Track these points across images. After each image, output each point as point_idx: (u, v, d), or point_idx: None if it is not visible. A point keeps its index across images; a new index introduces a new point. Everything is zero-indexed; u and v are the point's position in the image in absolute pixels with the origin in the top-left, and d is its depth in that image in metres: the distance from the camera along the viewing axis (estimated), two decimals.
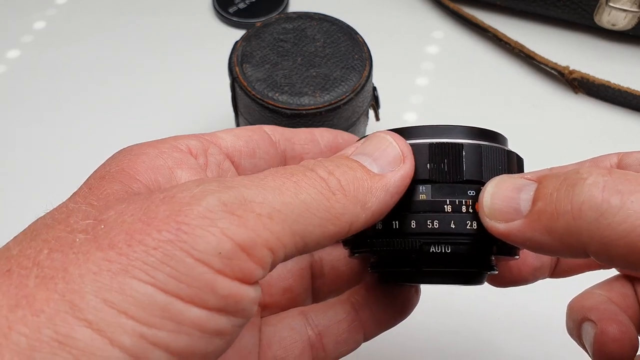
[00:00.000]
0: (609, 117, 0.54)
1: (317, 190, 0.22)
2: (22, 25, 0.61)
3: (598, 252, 0.21)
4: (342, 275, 0.31)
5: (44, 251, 0.19)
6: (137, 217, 0.20)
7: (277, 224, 0.20)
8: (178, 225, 0.19)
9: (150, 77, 0.57)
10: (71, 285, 0.18)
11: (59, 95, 0.55)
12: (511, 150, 0.27)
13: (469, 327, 0.42)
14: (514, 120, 0.54)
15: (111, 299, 0.18)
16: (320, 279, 0.31)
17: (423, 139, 0.25)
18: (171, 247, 0.19)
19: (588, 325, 0.29)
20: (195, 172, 0.25)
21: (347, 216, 0.23)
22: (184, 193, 0.20)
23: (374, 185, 0.24)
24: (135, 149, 0.25)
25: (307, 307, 0.30)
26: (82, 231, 0.20)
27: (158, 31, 0.60)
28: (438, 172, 0.25)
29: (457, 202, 0.25)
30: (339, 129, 0.44)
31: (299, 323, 0.29)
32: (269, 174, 0.22)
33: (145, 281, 0.19)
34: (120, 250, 0.19)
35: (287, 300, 0.30)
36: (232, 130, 0.28)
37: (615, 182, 0.21)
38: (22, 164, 0.51)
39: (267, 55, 0.44)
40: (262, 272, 0.21)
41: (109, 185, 0.22)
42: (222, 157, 0.27)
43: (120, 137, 0.52)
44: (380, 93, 0.49)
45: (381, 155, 0.25)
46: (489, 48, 0.59)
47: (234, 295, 0.20)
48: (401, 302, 0.30)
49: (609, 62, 0.57)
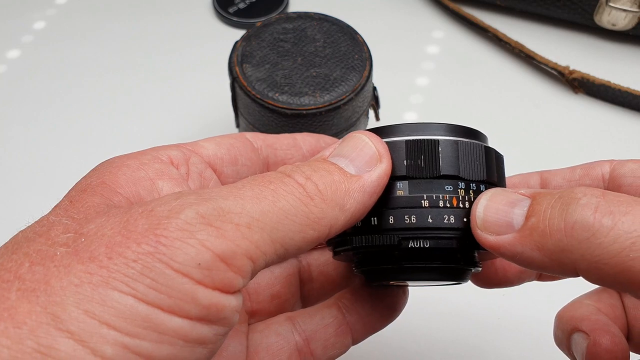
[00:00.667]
0: (609, 117, 0.54)
1: (294, 196, 0.22)
2: (22, 25, 0.61)
3: (588, 271, 0.21)
4: (330, 280, 0.31)
5: (25, 264, 0.20)
6: (117, 230, 0.20)
7: (256, 232, 0.21)
8: (157, 238, 0.20)
9: (150, 77, 0.57)
10: (53, 297, 0.19)
11: (58, 95, 0.55)
12: (489, 147, 0.27)
13: (461, 331, 0.42)
14: (514, 120, 0.54)
15: (92, 310, 0.19)
16: (309, 284, 0.31)
17: (400, 137, 0.26)
18: (151, 259, 0.19)
19: (579, 336, 0.29)
20: (177, 183, 0.25)
21: (326, 220, 0.23)
22: (163, 207, 0.21)
23: (351, 186, 0.24)
24: (116, 160, 0.25)
25: (294, 312, 0.30)
26: (63, 244, 0.20)
27: (158, 31, 0.60)
28: (415, 168, 0.25)
29: (434, 197, 0.25)
30: (339, 129, 0.44)
31: (286, 329, 0.29)
32: (247, 182, 0.22)
33: (125, 292, 0.19)
34: (101, 263, 0.19)
35: (276, 307, 0.30)
36: (214, 139, 0.28)
37: (608, 204, 0.21)
38: (22, 164, 0.51)
39: (267, 55, 0.44)
40: (243, 281, 0.21)
41: (89, 198, 0.23)
42: (203, 165, 0.27)
43: (120, 137, 0.53)
44: (380, 93, 0.49)
45: (357, 155, 0.25)
46: (489, 48, 0.59)
47: (215, 305, 0.20)
48: (388, 304, 0.30)
49: (609, 62, 0.57)
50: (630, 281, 0.21)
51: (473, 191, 0.25)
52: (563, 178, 0.29)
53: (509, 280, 0.30)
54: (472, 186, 0.25)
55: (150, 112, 0.54)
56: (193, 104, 0.54)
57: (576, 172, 0.28)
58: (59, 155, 0.51)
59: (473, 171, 0.25)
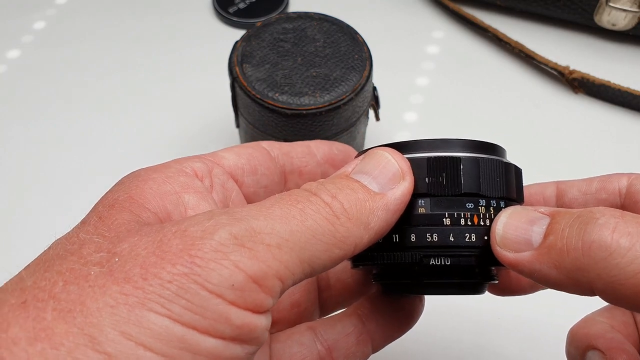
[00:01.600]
0: (609, 117, 0.54)
1: (321, 215, 0.23)
2: (22, 25, 0.61)
3: (604, 291, 0.22)
4: (348, 287, 0.31)
5: (59, 283, 0.20)
6: (151, 250, 0.20)
7: (286, 253, 0.21)
8: (192, 259, 0.20)
9: (150, 77, 0.57)
10: (89, 318, 0.19)
11: (58, 95, 0.55)
12: (509, 162, 0.27)
13: (461, 331, 0.42)
14: (514, 120, 0.54)
15: (129, 331, 0.19)
16: (327, 292, 0.31)
17: (421, 153, 0.26)
18: (186, 280, 0.20)
19: (594, 354, 0.29)
20: (202, 196, 0.25)
21: (352, 239, 0.23)
22: (196, 227, 0.21)
23: (375, 205, 0.24)
24: (142, 173, 0.25)
25: (315, 322, 0.30)
26: (96, 264, 0.20)
27: (158, 31, 0.60)
28: (436, 186, 0.25)
29: (456, 215, 0.25)
30: (339, 129, 0.44)
31: (308, 338, 0.29)
32: (275, 202, 0.23)
33: (161, 313, 0.19)
34: (136, 284, 0.19)
35: (295, 315, 0.30)
36: (233, 149, 0.29)
37: (626, 224, 0.22)
38: (22, 164, 0.51)
39: (267, 55, 0.44)
40: (273, 301, 0.21)
41: (118, 214, 0.23)
42: (226, 177, 0.28)
43: (121, 137, 0.53)
44: (381, 93, 0.49)
45: (380, 173, 0.25)
46: (489, 48, 0.59)
47: (247, 325, 0.21)
48: (406, 312, 0.30)
49: (609, 62, 0.57)
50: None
51: (493, 208, 0.25)
52: (579, 190, 0.29)
53: (522, 289, 0.30)
54: (492, 203, 0.25)
55: (150, 112, 0.54)
56: (193, 104, 0.54)
57: (593, 185, 0.28)
58: (59, 155, 0.51)
59: (493, 188, 0.26)
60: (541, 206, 0.26)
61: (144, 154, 0.51)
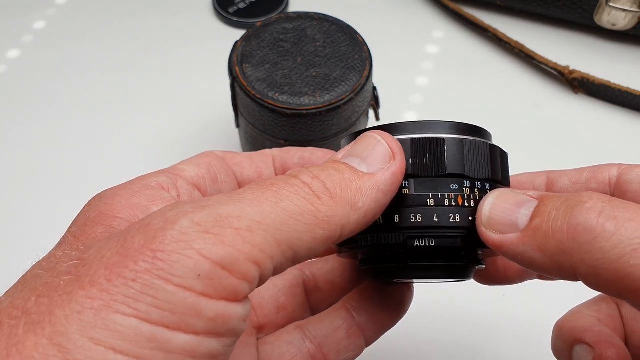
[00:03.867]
0: (609, 117, 0.54)
1: (299, 196, 0.22)
2: (22, 25, 0.61)
3: (587, 275, 0.21)
4: (338, 287, 0.31)
5: (32, 298, 0.19)
6: (115, 250, 0.20)
7: (259, 235, 0.20)
8: (153, 254, 0.19)
9: (150, 77, 0.57)
10: (57, 327, 0.18)
11: (58, 95, 0.55)
12: (494, 145, 0.27)
13: (461, 331, 0.42)
14: (514, 120, 0.54)
15: (97, 336, 0.18)
16: (316, 294, 0.31)
17: (406, 135, 0.26)
18: (149, 276, 0.19)
19: (582, 348, 0.29)
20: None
21: (337, 218, 0.22)
22: (158, 219, 0.20)
23: (364, 184, 0.23)
24: (107, 193, 0.25)
25: (303, 321, 0.30)
26: (66, 273, 0.20)
27: (158, 31, 0.60)
28: (420, 167, 0.25)
29: (440, 195, 0.25)
30: (339, 129, 0.44)
31: (297, 337, 0.29)
32: (248, 188, 0.22)
33: (128, 314, 0.19)
34: (101, 286, 0.19)
35: (283, 319, 0.30)
36: (191, 160, 0.28)
37: (613, 209, 0.21)
38: (22, 164, 0.51)
39: (267, 55, 0.44)
40: (249, 286, 0.20)
41: (92, 229, 0.22)
42: (191, 187, 0.27)
43: (120, 137, 0.53)
44: (381, 93, 0.49)
45: (370, 154, 0.24)
46: (489, 48, 0.59)
47: (221, 316, 0.20)
48: (396, 300, 0.30)
49: (609, 62, 0.57)
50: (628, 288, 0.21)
51: (478, 190, 0.25)
52: (570, 180, 0.28)
53: (510, 279, 0.30)
54: (477, 185, 0.25)
55: (150, 112, 0.54)
56: (193, 104, 0.54)
57: (583, 175, 0.28)
58: (58, 155, 0.51)
59: (478, 170, 0.25)
60: (530, 190, 0.25)
61: (144, 154, 0.51)
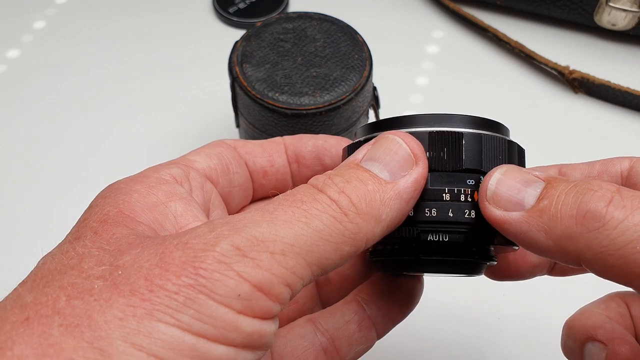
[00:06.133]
0: (609, 117, 0.54)
1: (328, 215, 0.22)
2: (22, 25, 0.61)
3: (592, 261, 0.21)
4: (348, 279, 0.31)
5: (62, 298, 0.20)
6: (154, 262, 0.20)
7: (292, 259, 0.21)
8: (196, 271, 0.20)
9: (150, 77, 0.57)
10: (98, 332, 0.19)
11: (58, 94, 0.55)
12: (512, 141, 0.27)
13: (461, 331, 0.42)
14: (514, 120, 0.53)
15: (140, 342, 0.19)
16: (327, 287, 0.31)
17: (423, 127, 0.25)
18: (192, 290, 0.20)
19: (594, 345, 0.29)
20: (187, 202, 0.25)
21: (362, 234, 0.23)
22: (198, 240, 0.21)
23: (387, 195, 0.23)
24: (123, 186, 0.25)
25: (314, 314, 0.29)
26: (99, 277, 0.20)
27: (158, 31, 0.60)
28: (437, 161, 0.25)
29: (456, 190, 0.25)
30: (339, 129, 0.44)
31: (308, 330, 0.29)
32: (279, 204, 0.22)
33: (171, 324, 0.19)
34: (143, 296, 0.19)
35: (294, 312, 0.30)
36: (202, 151, 0.28)
37: (622, 198, 0.21)
38: (22, 164, 0.51)
39: (267, 55, 0.44)
40: (281, 307, 0.21)
41: (115, 229, 0.22)
42: (203, 179, 0.27)
43: (120, 137, 0.53)
44: (381, 93, 0.49)
45: (392, 159, 0.24)
46: (489, 48, 0.59)
47: (257, 332, 0.21)
48: (406, 293, 0.30)
49: (609, 62, 0.57)
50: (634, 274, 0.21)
51: None
52: (582, 173, 0.28)
53: (520, 274, 0.30)
54: None
55: (150, 112, 0.54)
56: (193, 104, 0.54)
57: (595, 168, 0.28)
58: (59, 155, 0.51)
59: (495, 165, 0.25)
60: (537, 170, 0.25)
61: (144, 154, 0.51)
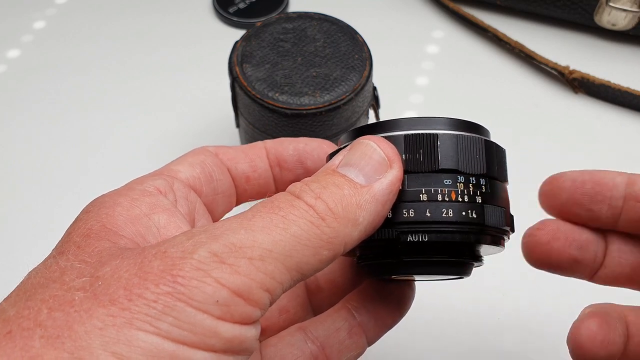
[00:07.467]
0: (609, 117, 0.54)
1: (305, 220, 0.22)
2: (22, 25, 0.61)
3: None
4: (339, 286, 0.31)
5: (44, 311, 0.20)
6: (133, 272, 0.20)
7: (270, 264, 0.21)
8: (174, 279, 0.20)
9: (150, 77, 0.57)
10: (78, 342, 0.19)
11: (58, 95, 0.55)
12: (490, 140, 0.27)
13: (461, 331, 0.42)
14: (514, 120, 0.54)
15: (120, 351, 0.19)
16: (318, 294, 0.31)
17: (399, 131, 0.26)
18: (170, 298, 0.20)
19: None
20: (171, 213, 0.25)
21: (340, 238, 0.23)
22: (175, 248, 0.21)
23: (362, 198, 0.23)
24: (106, 200, 0.25)
25: (305, 322, 0.30)
26: (79, 289, 0.20)
27: (158, 31, 0.60)
28: (414, 163, 0.25)
29: (433, 190, 0.25)
30: (339, 129, 0.44)
31: (298, 338, 0.29)
32: (257, 211, 0.22)
33: (150, 332, 0.19)
34: (122, 305, 0.20)
35: (285, 321, 0.30)
36: (185, 159, 0.29)
37: None
38: (22, 164, 0.51)
39: (267, 55, 0.44)
40: (261, 312, 0.21)
41: (98, 243, 0.23)
42: (187, 189, 0.27)
43: (120, 137, 0.53)
44: (381, 93, 0.49)
45: (366, 164, 0.24)
46: (489, 48, 0.59)
47: (237, 337, 0.21)
48: (397, 299, 0.30)
49: (609, 62, 0.57)
50: None
51: (473, 185, 0.25)
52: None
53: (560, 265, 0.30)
54: (471, 180, 0.25)
55: (150, 112, 0.54)
56: (193, 104, 0.54)
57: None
58: (58, 155, 0.51)
59: (473, 165, 0.25)
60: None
61: (144, 154, 0.51)
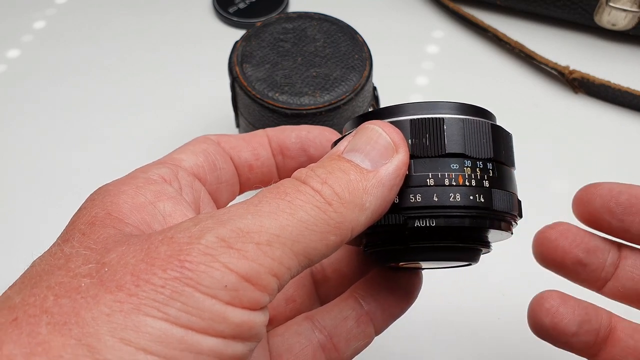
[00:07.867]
0: (609, 117, 0.54)
1: (312, 205, 0.22)
2: (22, 25, 0.61)
3: None
4: (346, 276, 0.31)
5: (50, 298, 0.20)
6: (140, 258, 0.20)
7: (278, 249, 0.21)
8: (181, 264, 0.20)
9: (150, 76, 0.57)
10: (86, 328, 0.19)
11: (58, 94, 0.55)
12: (497, 124, 0.26)
13: (461, 331, 0.42)
14: (514, 120, 0.53)
15: (128, 337, 0.19)
16: (325, 284, 0.31)
17: (405, 116, 0.25)
18: (178, 283, 0.20)
19: None
20: (176, 201, 0.25)
21: (347, 223, 0.23)
22: (182, 233, 0.21)
23: (369, 183, 0.23)
24: (111, 188, 0.25)
25: (312, 311, 0.30)
26: (86, 275, 0.20)
27: (158, 31, 0.60)
28: (420, 147, 0.25)
29: (440, 175, 0.24)
30: (339, 129, 0.44)
31: (306, 328, 0.29)
32: (263, 197, 0.22)
33: (158, 317, 0.19)
34: (129, 291, 0.19)
35: (291, 311, 0.30)
36: (187, 148, 0.29)
37: None
38: (22, 164, 0.51)
39: (267, 55, 0.44)
40: (269, 298, 0.21)
41: (103, 230, 0.23)
42: (191, 178, 0.27)
43: (120, 137, 0.53)
44: (381, 93, 0.49)
45: (372, 148, 0.24)
46: (489, 48, 0.59)
47: (246, 323, 0.21)
48: (404, 287, 0.29)
49: (609, 62, 0.57)
50: None
51: (480, 169, 0.25)
52: None
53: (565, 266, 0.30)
54: (478, 164, 0.25)
55: (150, 111, 0.54)
56: (193, 104, 0.54)
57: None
58: (58, 155, 0.51)
59: (479, 149, 0.25)
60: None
61: (144, 154, 0.51)
